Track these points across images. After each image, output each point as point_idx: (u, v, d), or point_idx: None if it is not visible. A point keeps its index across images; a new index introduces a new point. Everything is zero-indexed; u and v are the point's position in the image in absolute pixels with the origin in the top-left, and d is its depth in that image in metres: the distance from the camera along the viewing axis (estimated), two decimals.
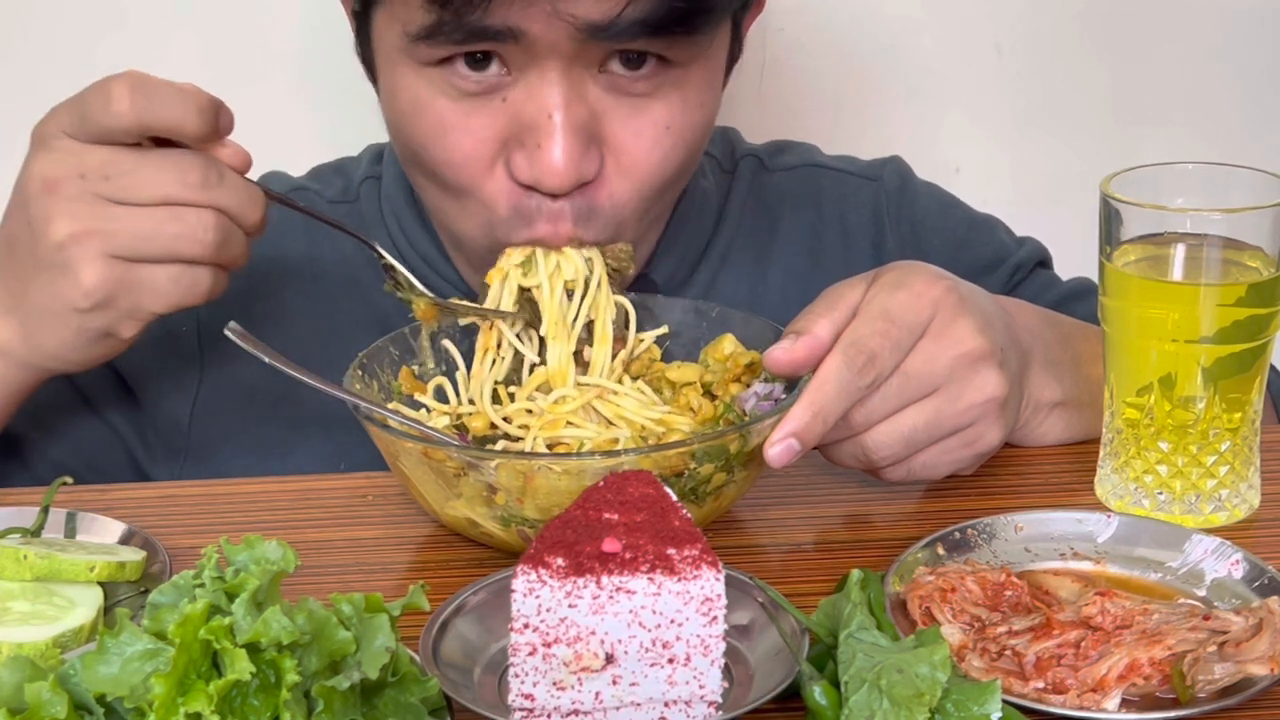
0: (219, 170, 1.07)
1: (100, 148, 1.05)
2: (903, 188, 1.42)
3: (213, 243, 1.06)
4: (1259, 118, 1.86)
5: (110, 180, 1.05)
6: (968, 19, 1.82)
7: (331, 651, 0.81)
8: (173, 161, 1.06)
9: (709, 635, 0.83)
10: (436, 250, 1.31)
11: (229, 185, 1.07)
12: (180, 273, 1.07)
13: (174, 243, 1.05)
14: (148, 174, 1.05)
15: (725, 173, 1.40)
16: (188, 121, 1.05)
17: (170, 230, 1.05)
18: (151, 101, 1.04)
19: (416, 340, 1.16)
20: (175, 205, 1.05)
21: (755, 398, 1.09)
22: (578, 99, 1.13)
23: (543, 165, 1.13)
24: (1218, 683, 0.87)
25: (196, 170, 1.06)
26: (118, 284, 1.06)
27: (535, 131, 1.13)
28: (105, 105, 1.04)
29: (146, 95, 1.04)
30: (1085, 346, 1.19)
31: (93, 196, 1.05)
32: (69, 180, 1.05)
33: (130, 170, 1.05)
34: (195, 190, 1.05)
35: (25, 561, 0.96)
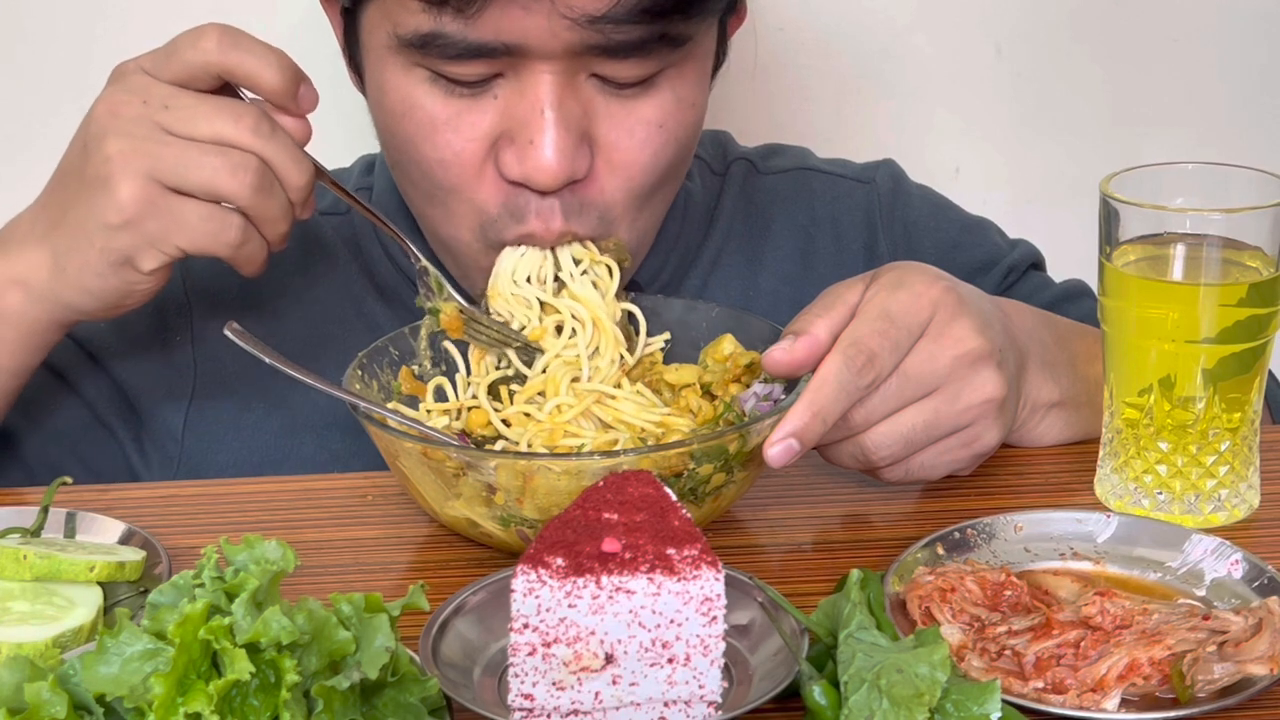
0: (272, 125, 1.08)
1: (170, 85, 1.08)
2: (895, 190, 1.42)
3: (249, 184, 1.07)
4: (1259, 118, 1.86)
5: (169, 110, 1.07)
6: (967, 19, 1.82)
7: (331, 651, 0.81)
8: (231, 105, 1.08)
9: (709, 635, 0.83)
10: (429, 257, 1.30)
11: (279, 141, 1.08)
12: (211, 213, 1.08)
13: (212, 176, 1.06)
14: (205, 110, 1.07)
15: (716, 175, 1.40)
16: (266, 75, 1.07)
17: (211, 163, 1.06)
18: (237, 48, 1.07)
19: (416, 340, 1.16)
20: (223, 145, 1.07)
21: (755, 398, 1.09)
22: (570, 95, 1.13)
23: (534, 162, 1.13)
24: (1217, 683, 0.87)
25: (250, 116, 1.07)
26: (150, 205, 1.07)
27: (527, 127, 1.13)
28: (194, 42, 1.07)
29: (233, 41, 1.07)
30: (1082, 346, 1.19)
31: (149, 121, 1.07)
32: (131, 104, 1.07)
33: (190, 105, 1.07)
34: (245, 133, 1.07)
35: (25, 561, 0.96)
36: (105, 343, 1.28)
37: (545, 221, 1.16)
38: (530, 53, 1.11)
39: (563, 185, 1.14)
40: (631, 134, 1.16)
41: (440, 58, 1.12)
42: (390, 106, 1.18)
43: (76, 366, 1.27)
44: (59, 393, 1.27)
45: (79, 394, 1.27)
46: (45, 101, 1.68)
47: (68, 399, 1.27)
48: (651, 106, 1.16)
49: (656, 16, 1.11)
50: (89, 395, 1.27)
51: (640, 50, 1.12)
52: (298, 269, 1.32)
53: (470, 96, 1.14)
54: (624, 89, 1.15)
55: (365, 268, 1.33)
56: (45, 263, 1.11)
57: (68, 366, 1.27)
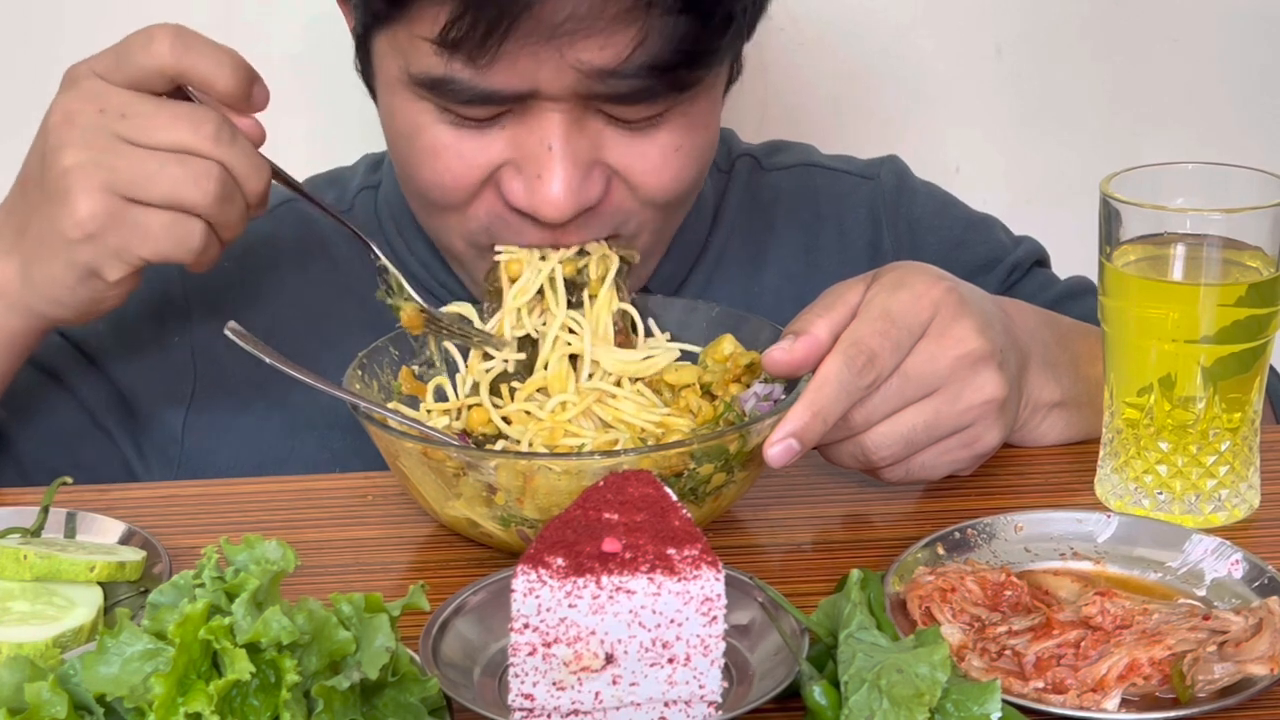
0: (231, 130, 1.07)
1: (125, 90, 1.07)
2: (900, 187, 1.42)
3: (212, 193, 1.06)
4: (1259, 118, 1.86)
5: (126, 119, 1.06)
6: (968, 20, 1.82)
7: (331, 651, 0.81)
8: (188, 111, 1.07)
9: (709, 635, 0.83)
10: (435, 257, 1.31)
11: (239, 147, 1.08)
12: (174, 221, 1.06)
13: (174, 186, 1.06)
14: (163, 119, 1.06)
15: (721, 172, 1.40)
16: (220, 77, 1.06)
17: (172, 173, 1.05)
18: (190, 51, 1.06)
19: (417, 340, 1.16)
20: (183, 153, 1.06)
21: (755, 398, 1.09)
22: (578, 131, 1.13)
23: (541, 196, 1.13)
24: (1217, 683, 0.87)
25: (210, 124, 1.06)
26: (110, 218, 1.06)
27: (535, 161, 1.13)
28: (146, 45, 1.06)
29: (186, 44, 1.06)
30: (1083, 346, 1.19)
31: (106, 131, 1.06)
32: (87, 113, 1.06)
33: (148, 113, 1.06)
34: (206, 141, 1.06)
35: (25, 561, 0.96)
36: (103, 345, 1.28)
37: (552, 238, 1.16)
38: (540, 96, 1.11)
39: (571, 218, 1.14)
40: (646, 159, 1.16)
41: (451, 100, 1.13)
42: (398, 128, 1.18)
43: (73, 369, 1.27)
44: (56, 395, 1.26)
45: (76, 396, 1.27)
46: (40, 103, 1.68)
47: (65, 402, 1.27)
48: (664, 135, 1.16)
49: (665, 71, 1.11)
50: (86, 398, 1.27)
51: (649, 97, 1.13)
52: (297, 267, 1.32)
53: (478, 129, 1.15)
54: (633, 123, 1.15)
55: (368, 265, 1.33)
56: (15, 273, 1.10)
57: (64, 369, 1.27)
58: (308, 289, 1.32)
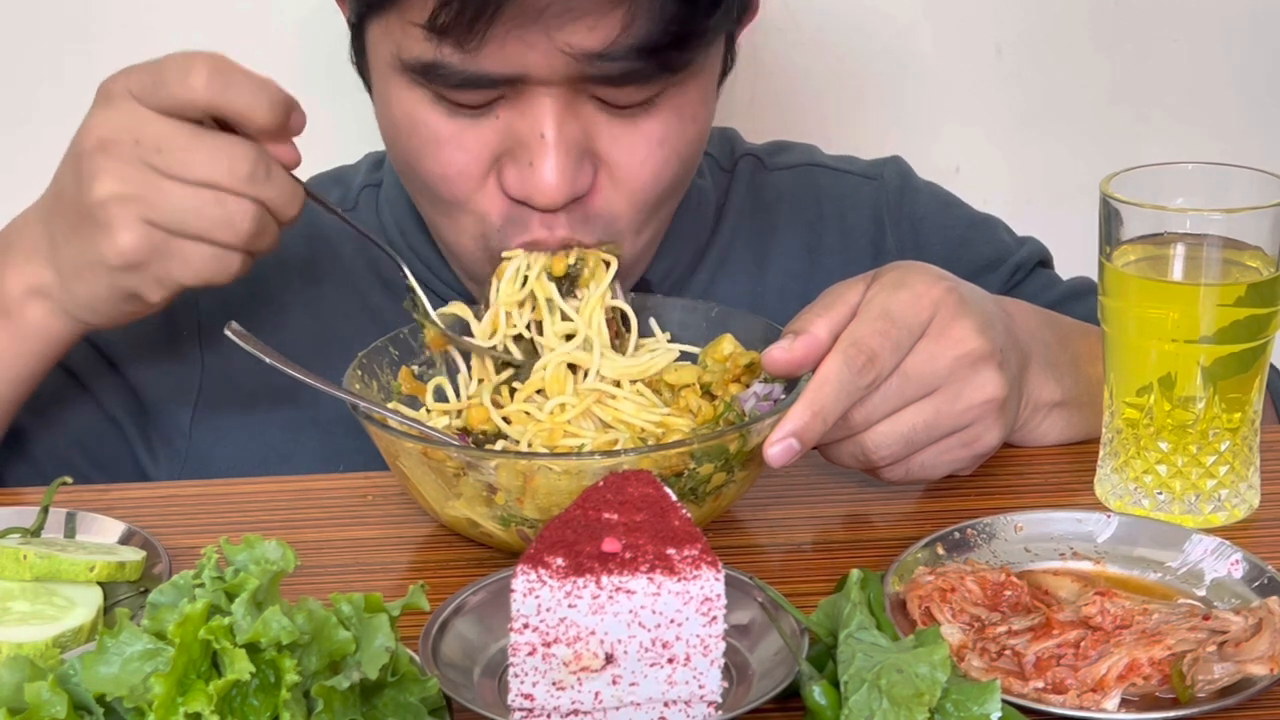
0: (268, 164, 1.08)
1: (161, 119, 1.06)
2: (903, 187, 1.42)
3: (247, 232, 1.08)
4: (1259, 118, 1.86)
5: (162, 153, 1.06)
6: (968, 19, 1.81)
7: (331, 651, 0.81)
8: (225, 149, 1.06)
9: (709, 635, 0.83)
10: (437, 255, 1.31)
11: (274, 181, 1.08)
12: (212, 252, 1.08)
13: (211, 226, 1.07)
14: (200, 155, 1.06)
15: (724, 172, 1.40)
16: (258, 113, 1.06)
17: (210, 214, 1.06)
18: (228, 86, 1.05)
19: (417, 340, 1.16)
20: (219, 190, 1.06)
21: (755, 398, 1.09)
22: (570, 117, 1.14)
23: (535, 183, 1.14)
24: (1217, 683, 0.87)
25: (247, 162, 1.06)
26: (151, 250, 1.07)
27: (528, 149, 1.14)
28: (183, 78, 1.05)
29: (225, 78, 1.05)
30: (1084, 346, 1.19)
31: (142, 164, 1.06)
32: (123, 143, 1.06)
33: (184, 148, 1.06)
34: (241, 182, 1.06)
35: (25, 561, 0.96)
36: (113, 339, 1.28)
37: (549, 228, 1.16)
38: (530, 80, 1.12)
39: (565, 204, 1.15)
40: (633, 152, 1.16)
41: (443, 85, 1.13)
42: (395, 119, 1.18)
43: (85, 362, 1.28)
44: (69, 389, 1.27)
45: (88, 390, 1.28)
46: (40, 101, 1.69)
47: (77, 395, 1.27)
48: (654, 124, 1.16)
49: (654, 52, 1.11)
50: (97, 391, 1.28)
51: (639, 78, 1.13)
52: (304, 266, 1.33)
53: (472, 117, 1.15)
54: (625, 109, 1.15)
55: (371, 262, 1.33)
56: (54, 281, 1.12)
57: (77, 362, 1.27)
58: (313, 285, 1.33)
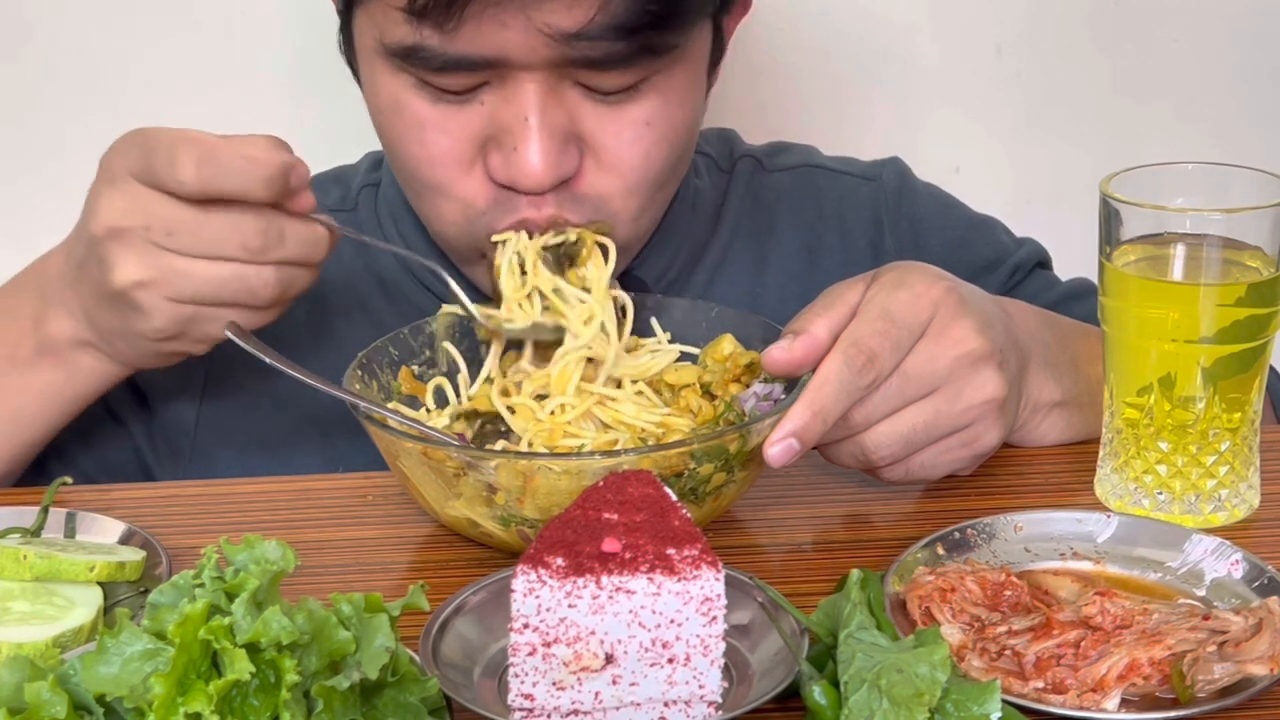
0: (279, 229, 1.08)
1: (165, 200, 1.06)
2: (902, 188, 1.42)
3: (272, 297, 1.09)
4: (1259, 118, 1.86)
5: (173, 236, 1.07)
6: (968, 19, 1.81)
7: (331, 651, 0.81)
8: (233, 224, 1.07)
9: (709, 635, 0.83)
10: (432, 254, 1.31)
11: (289, 242, 1.08)
12: (241, 311, 1.10)
13: (235, 297, 1.09)
14: (210, 235, 1.07)
15: (722, 173, 1.40)
16: (252, 192, 1.06)
17: (233, 287, 1.08)
18: (217, 173, 1.05)
19: (417, 340, 1.16)
20: (237, 263, 1.07)
21: (755, 398, 1.09)
22: (554, 103, 1.14)
23: (519, 167, 1.14)
24: (1217, 683, 0.87)
25: (257, 236, 1.07)
26: (185, 321, 1.09)
27: (511, 134, 1.14)
28: (171, 173, 1.05)
29: (213, 166, 1.05)
30: (1084, 346, 1.19)
31: (156, 248, 1.07)
32: (134, 230, 1.07)
33: (193, 230, 1.07)
34: (255, 254, 1.07)
35: (25, 561, 0.96)
36: None
37: (537, 208, 1.16)
38: (512, 64, 1.12)
39: (550, 188, 1.15)
40: (619, 136, 1.17)
41: (424, 69, 1.14)
42: (381, 105, 1.19)
43: None
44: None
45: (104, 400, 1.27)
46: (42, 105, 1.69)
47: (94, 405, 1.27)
48: (638, 108, 1.17)
49: (632, 32, 1.11)
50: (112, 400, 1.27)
51: (622, 62, 1.13)
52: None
53: (457, 103, 1.15)
54: (610, 95, 1.15)
55: (370, 264, 1.33)
56: (99, 341, 1.14)
57: None
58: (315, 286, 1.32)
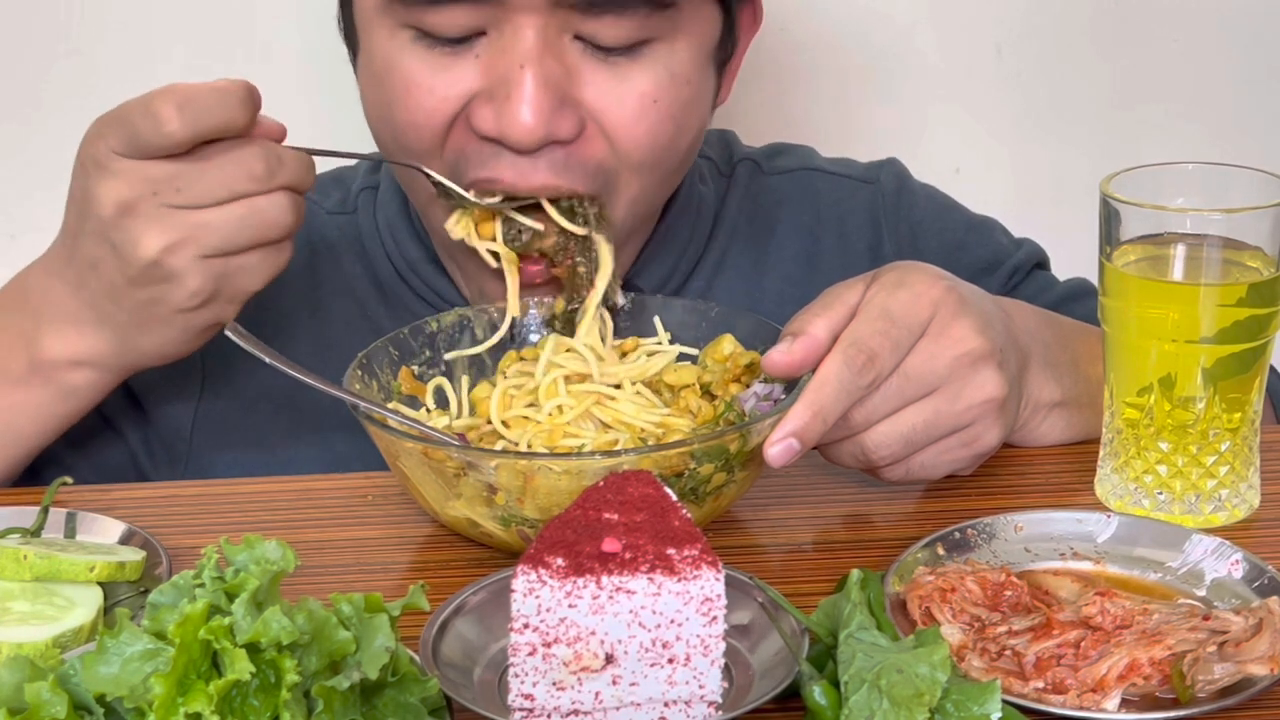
0: (276, 153, 1.09)
1: (158, 162, 1.07)
2: (900, 190, 1.42)
3: (290, 222, 1.09)
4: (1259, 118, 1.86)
5: (183, 191, 1.07)
6: (968, 19, 1.82)
7: (331, 651, 0.81)
8: (234, 159, 1.07)
9: (709, 635, 0.83)
10: (430, 262, 1.31)
11: (287, 164, 1.09)
12: (268, 251, 1.10)
13: (259, 232, 1.08)
14: (216, 176, 1.07)
15: (722, 176, 1.40)
16: (235, 120, 1.07)
17: (252, 222, 1.08)
18: (199, 112, 1.05)
19: (416, 340, 1.16)
20: (249, 197, 1.07)
21: (755, 398, 1.09)
22: (551, 55, 1.13)
23: (509, 117, 1.13)
24: (1217, 683, 0.87)
25: (259, 162, 1.08)
26: (219, 278, 1.09)
27: (505, 83, 1.13)
28: (156, 128, 1.05)
29: (194, 107, 1.05)
30: (1084, 346, 1.19)
31: (170, 208, 1.07)
32: (143, 199, 1.07)
33: (198, 178, 1.07)
34: (263, 181, 1.08)
35: (25, 561, 0.96)
36: None
37: (520, 174, 1.16)
38: (511, 6, 1.11)
39: (540, 144, 1.14)
40: (622, 103, 1.16)
41: (425, 7, 1.13)
42: (375, 70, 1.19)
43: None
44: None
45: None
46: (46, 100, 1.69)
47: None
48: (642, 77, 1.16)
49: None
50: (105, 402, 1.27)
51: (618, 5, 1.13)
52: (304, 268, 1.33)
53: (452, 54, 1.15)
54: (611, 54, 1.15)
55: (368, 268, 1.33)
56: (111, 344, 1.13)
57: None
58: (312, 289, 1.33)
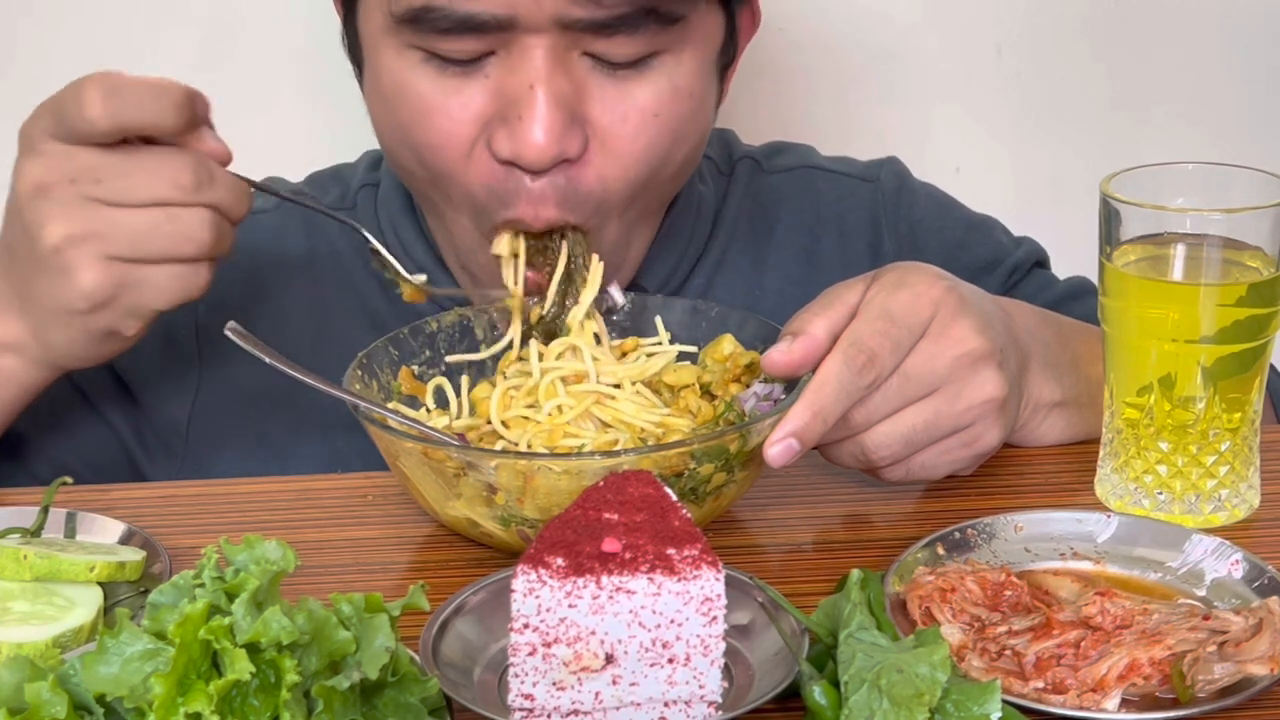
0: (209, 169, 1.07)
1: (87, 150, 1.05)
2: (900, 189, 1.42)
3: (209, 241, 1.06)
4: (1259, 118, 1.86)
5: (102, 184, 1.04)
6: (968, 19, 1.82)
7: (331, 651, 0.81)
8: (163, 162, 1.05)
9: (709, 635, 0.83)
10: (433, 259, 1.31)
11: (219, 183, 1.07)
12: (178, 270, 1.07)
13: (170, 244, 1.05)
14: (140, 177, 1.05)
15: (722, 175, 1.40)
16: (164, 119, 1.04)
17: (166, 231, 1.05)
18: (125, 104, 1.03)
19: (417, 340, 1.16)
20: (170, 206, 1.05)
21: (755, 398, 1.09)
22: (561, 73, 1.13)
23: (522, 138, 1.13)
24: (1217, 683, 0.87)
25: (188, 171, 1.05)
26: (117, 284, 1.06)
27: (517, 104, 1.13)
28: (79, 111, 1.03)
29: (120, 97, 1.03)
30: (1084, 346, 1.19)
31: (85, 199, 1.04)
32: (60, 184, 1.04)
33: (121, 173, 1.04)
34: (188, 192, 1.05)
35: (25, 561, 0.96)
36: None
37: (535, 207, 1.16)
38: (520, 26, 1.12)
39: (552, 163, 1.14)
40: (625, 119, 1.16)
41: (433, 32, 1.13)
42: (384, 91, 1.18)
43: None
44: (64, 391, 1.27)
45: (83, 392, 1.27)
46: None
47: (72, 398, 1.27)
48: (646, 92, 1.16)
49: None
50: (93, 394, 1.28)
51: (629, 26, 1.12)
52: (303, 266, 1.33)
53: (462, 76, 1.15)
54: (618, 69, 1.15)
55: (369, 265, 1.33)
56: (28, 333, 1.10)
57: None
58: (312, 285, 1.33)
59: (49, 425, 1.26)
